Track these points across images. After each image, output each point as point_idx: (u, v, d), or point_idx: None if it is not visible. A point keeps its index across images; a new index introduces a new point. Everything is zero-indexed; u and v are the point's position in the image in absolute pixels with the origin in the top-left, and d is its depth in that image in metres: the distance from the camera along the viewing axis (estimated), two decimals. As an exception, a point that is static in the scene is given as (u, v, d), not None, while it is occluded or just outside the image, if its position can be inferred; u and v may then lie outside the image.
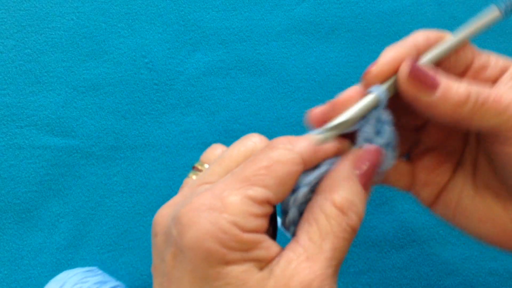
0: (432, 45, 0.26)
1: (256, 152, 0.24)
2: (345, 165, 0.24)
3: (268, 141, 0.25)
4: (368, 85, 0.26)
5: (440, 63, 0.26)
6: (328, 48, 0.49)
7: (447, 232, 0.45)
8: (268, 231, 0.25)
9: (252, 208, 0.22)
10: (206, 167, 0.28)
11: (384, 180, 0.30)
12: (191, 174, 0.28)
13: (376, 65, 0.26)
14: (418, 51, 0.26)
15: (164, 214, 0.24)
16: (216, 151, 0.29)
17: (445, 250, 0.45)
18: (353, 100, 0.26)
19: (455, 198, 0.29)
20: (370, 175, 0.24)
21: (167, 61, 0.48)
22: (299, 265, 0.22)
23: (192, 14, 0.49)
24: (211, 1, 0.49)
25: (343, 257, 0.23)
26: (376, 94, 0.25)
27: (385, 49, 0.26)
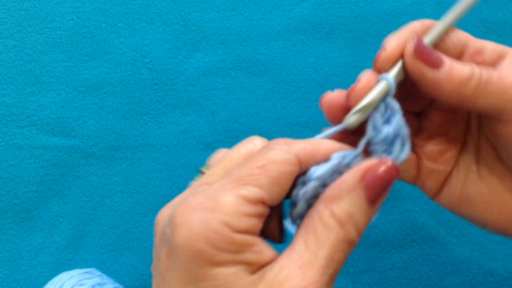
0: (429, 30, 0.27)
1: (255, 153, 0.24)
2: (352, 175, 0.23)
3: None
4: (379, 71, 0.26)
5: (436, 46, 0.27)
6: (328, 48, 0.49)
7: (447, 232, 0.45)
8: (272, 233, 0.25)
9: (245, 207, 0.22)
10: None
11: None
12: (197, 178, 0.28)
13: (385, 50, 0.26)
14: (418, 36, 0.27)
15: (164, 214, 0.24)
16: (221, 154, 0.29)
17: (445, 250, 0.45)
18: (371, 86, 0.26)
19: (459, 185, 0.29)
20: (378, 191, 0.23)
21: (167, 61, 0.48)
22: (292, 271, 0.21)
23: (192, 14, 0.49)
24: (211, 1, 0.49)
25: (339, 267, 0.22)
26: (387, 80, 0.26)
27: (387, 37, 0.27)
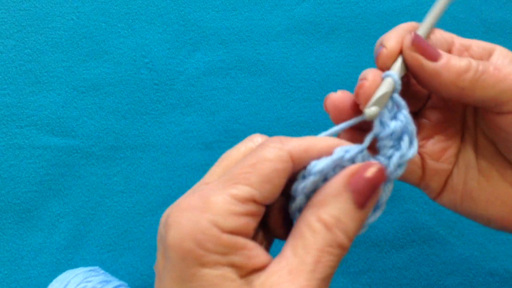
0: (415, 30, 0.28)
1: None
2: (337, 180, 0.23)
3: None
4: (381, 69, 0.27)
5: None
6: (328, 48, 0.49)
7: (447, 232, 0.45)
8: (277, 230, 0.25)
9: (235, 206, 0.22)
10: None
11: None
12: None
13: (385, 48, 0.26)
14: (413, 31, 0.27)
15: (164, 214, 0.24)
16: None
17: (445, 250, 0.45)
18: (377, 83, 0.26)
19: (461, 183, 0.29)
20: (366, 194, 0.23)
21: (167, 61, 0.48)
22: (281, 277, 0.21)
23: (192, 14, 0.49)
24: (211, 1, 0.49)
25: (330, 271, 0.22)
26: (392, 76, 0.26)
27: (382, 36, 0.27)
